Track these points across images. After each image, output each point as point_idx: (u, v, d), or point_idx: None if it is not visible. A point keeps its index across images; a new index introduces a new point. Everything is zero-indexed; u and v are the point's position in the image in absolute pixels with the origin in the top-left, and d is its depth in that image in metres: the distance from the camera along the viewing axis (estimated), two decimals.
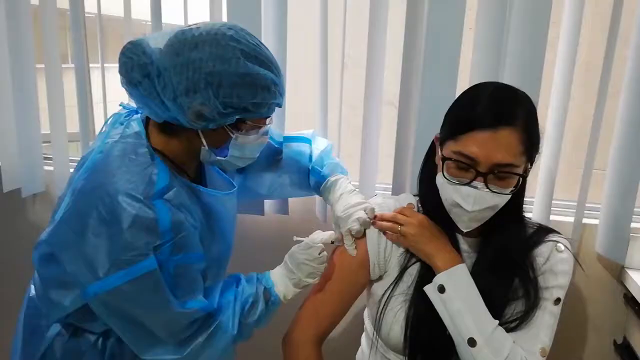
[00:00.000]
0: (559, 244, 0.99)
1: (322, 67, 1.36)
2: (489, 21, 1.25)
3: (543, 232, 1.03)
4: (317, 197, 1.41)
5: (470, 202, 0.89)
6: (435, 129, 0.98)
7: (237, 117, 0.88)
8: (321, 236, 1.03)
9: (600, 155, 1.32)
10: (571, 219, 1.36)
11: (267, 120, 0.96)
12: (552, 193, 1.33)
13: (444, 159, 0.92)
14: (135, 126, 0.93)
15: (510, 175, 0.88)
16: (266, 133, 0.98)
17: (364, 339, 1.17)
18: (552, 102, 1.32)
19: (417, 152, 1.30)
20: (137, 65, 0.84)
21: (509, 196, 0.91)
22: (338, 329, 1.37)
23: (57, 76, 1.62)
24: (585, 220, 1.36)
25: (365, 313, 1.16)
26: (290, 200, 1.44)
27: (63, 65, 1.63)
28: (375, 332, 1.04)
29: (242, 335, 0.97)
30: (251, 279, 1.01)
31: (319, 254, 1.00)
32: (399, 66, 1.33)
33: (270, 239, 1.11)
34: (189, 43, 0.84)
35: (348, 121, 1.70)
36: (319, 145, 1.23)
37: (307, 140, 1.24)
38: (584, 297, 1.40)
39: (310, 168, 1.19)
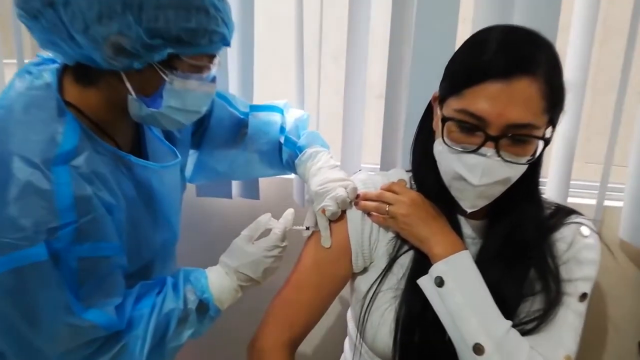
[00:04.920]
0: (582, 227, 0.89)
1: (298, 52, 1.25)
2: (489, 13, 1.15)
3: (563, 213, 0.92)
4: (294, 177, 1.31)
5: (478, 173, 0.77)
6: (431, 90, 0.86)
7: (169, 51, 0.73)
8: (269, 222, 0.95)
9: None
10: (591, 201, 1.27)
11: (213, 61, 0.80)
12: (570, 171, 1.24)
13: (444, 119, 0.80)
14: (47, 77, 0.78)
15: (529, 140, 0.76)
16: (213, 80, 0.82)
17: (347, 345, 1.07)
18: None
19: (409, 123, 1.19)
20: None
21: (525, 167, 0.79)
22: (317, 334, 1.35)
23: None
24: (607, 203, 1.27)
25: (349, 314, 1.05)
26: (261, 181, 1.33)
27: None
28: (359, 336, 0.93)
29: (163, 358, 0.84)
30: (177, 286, 0.86)
31: (271, 248, 0.91)
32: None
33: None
34: None
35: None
36: (293, 115, 1.10)
37: (279, 110, 1.11)
38: (605, 291, 1.33)
39: (283, 139, 1.06)
